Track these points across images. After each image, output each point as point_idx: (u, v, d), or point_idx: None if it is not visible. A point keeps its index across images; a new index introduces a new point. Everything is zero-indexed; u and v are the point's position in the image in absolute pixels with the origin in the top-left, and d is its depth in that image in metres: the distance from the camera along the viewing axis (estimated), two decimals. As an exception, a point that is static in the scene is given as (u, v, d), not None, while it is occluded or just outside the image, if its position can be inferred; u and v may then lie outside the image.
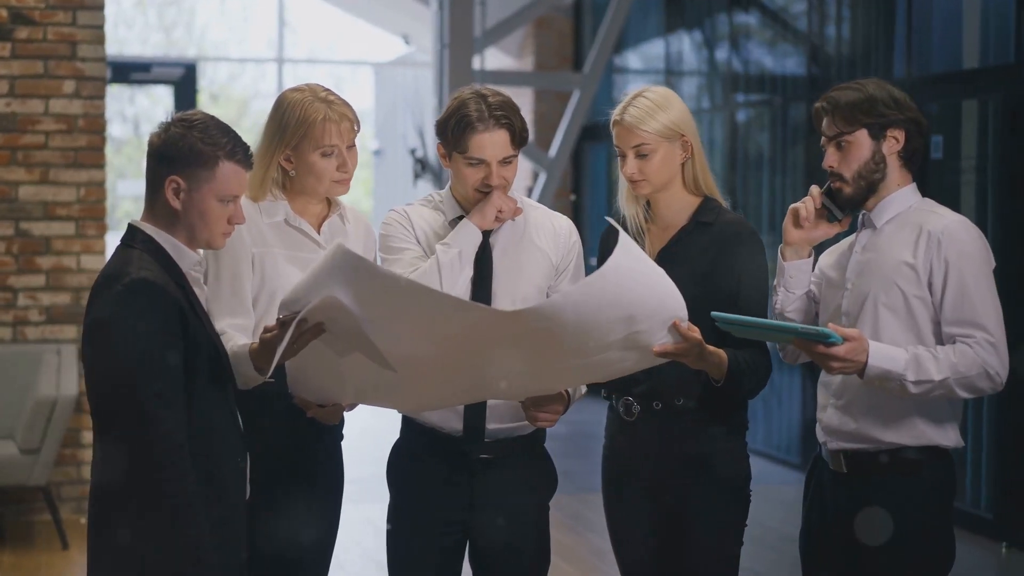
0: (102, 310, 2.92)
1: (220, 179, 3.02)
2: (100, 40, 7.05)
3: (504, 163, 3.43)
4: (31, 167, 6.98)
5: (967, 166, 7.30)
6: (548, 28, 12.57)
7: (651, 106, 3.51)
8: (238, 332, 3.40)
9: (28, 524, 7.00)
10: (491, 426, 3.49)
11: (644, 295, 3.03)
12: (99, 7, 7.06)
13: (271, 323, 3.10)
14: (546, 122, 12.04)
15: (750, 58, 9.82)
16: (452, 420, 3.49)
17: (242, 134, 3.11)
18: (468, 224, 3.43)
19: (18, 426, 6.58)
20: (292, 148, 3.49)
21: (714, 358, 3.30)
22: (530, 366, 3.17)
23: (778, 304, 3.56)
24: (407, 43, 16.28)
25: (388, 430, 3.83)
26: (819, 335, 3.14)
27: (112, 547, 2.93)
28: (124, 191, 22.01)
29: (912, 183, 3.46)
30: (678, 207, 3.60)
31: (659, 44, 11.15)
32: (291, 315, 2.99)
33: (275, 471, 3.46)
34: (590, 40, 12.05)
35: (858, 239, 3.48)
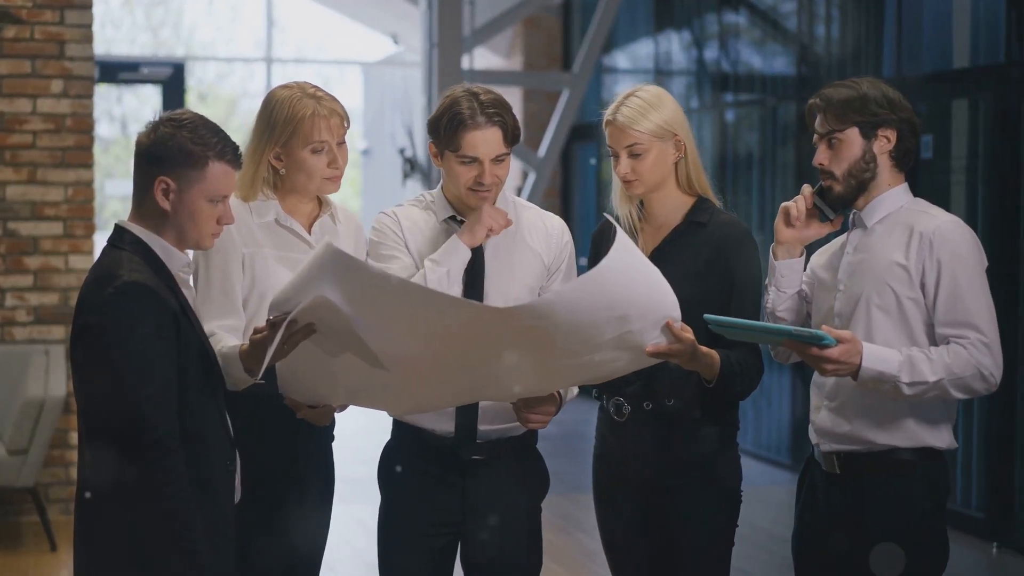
0: (93, 313, 2.91)
1: (210, 179, 3.00)
2: (88, 39, 7.03)
3: (497, 161, 3.41)
4: (19, 167, 6.95)
5: (957, 166, 7.30)
6: (537, 28, 12.56)
7: (644, 105, 3.50)
8: (228, 333, 3.38)
9: (16, 525, 6.97)
10: (483, 427, 3.47)
11: (638, 294, 3.02)
12: (87, 6, 7.03)
13: (261, 324, 3.09)
14: (535, 122, 12.03)
15: (739, 58, 9.81)
16: (444, 421, 3.47)
17: (230, 134, 3.09)
18: (457, 242, 3.39)
19: (6, 427, 6.55)
20: (282, 145, 3.47)
21: (706, 359, 3.29)
22: (522, 366, 3.16)
23: (769, 303, 3.55)
24: (396, 42, 16.26)
25: (378, 430, 3.81)
26: (812, 337, 3.12)
27: (103, 550, 2.91)
28: (112, 191, 21.95)
29: (904, 183, 3.44)
30: (672, 207, 3.59)
31: (648, 44, 11.14)
32: (281, 315, 2.98)
33: (266, 473, 3.45)
34: (579, 40, 12.04)
35: (849, 239, 3.47)
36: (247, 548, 3.37)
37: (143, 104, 22.66)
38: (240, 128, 21.10)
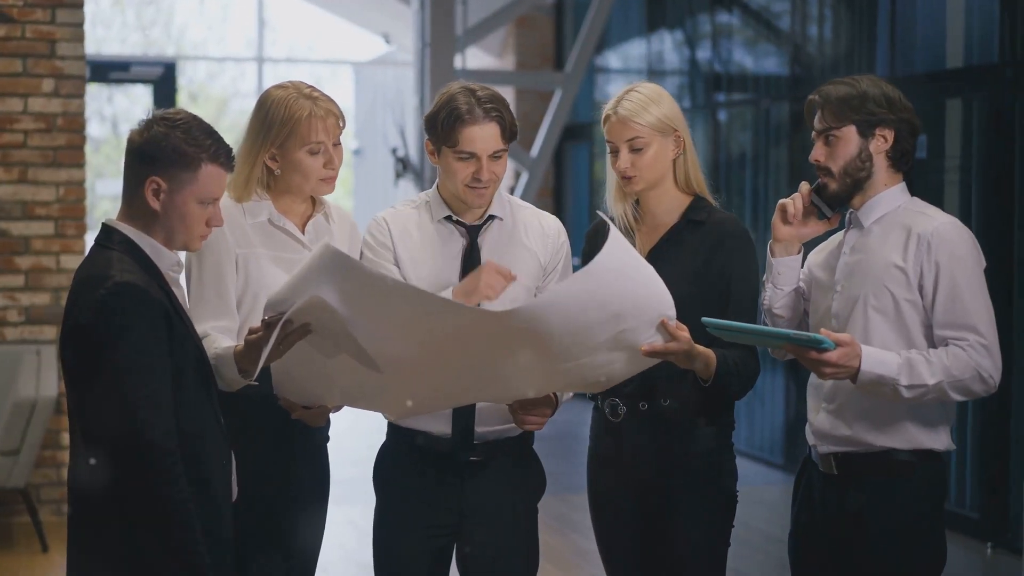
0: (85, 315, 2.88)
1: (202, 181, 2.97)
2: (79, 38, 7.00)
3: (494, 157, 3.41)
4: (10, 166, 6.92)
5: (951, 165, 7.30)
6: (529, 27, 12.54)
7: (644, 100, 3.49)
8: (222, 334, 3.36)
9: (7, 526, 6.95)
10: (480, 429, 3.46)
11: (632, 292, 3.00)
12: (78, 5, 7.00)
13: (255, 324, 3.07)
14: (528, 122, 12.01)
15: (732, 58, 9.80)
16: (441, 423, 3.46)
17: (222, 134, 3.06)
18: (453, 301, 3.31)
19: (-3, 428, 6.53)
20: (278, 147, 3.45)
21: (703, 358, 3.28)
22: (518, 369, 3.15)
23: (766, 300, 3.54)
24: (387, 42, 16.23)
25: (370, 430, 3.80)
26: (811, 341, 3.10)
27: (100, 553, 2.90)
28: (103, 191, 21.90)
29: (901, 183, 3.42)
30: (669, 205, 3.58)
31: (641, 44, 11.13)
32: (277, 316, 2.96)
33: (261, 474, 3.43)
34: (571, 39, 12.02)
35: (846, 239, 3.45)
36: (243, 550, 3.36)
37: (134, 104, 22.59)
38: (231, 128, 21.07)
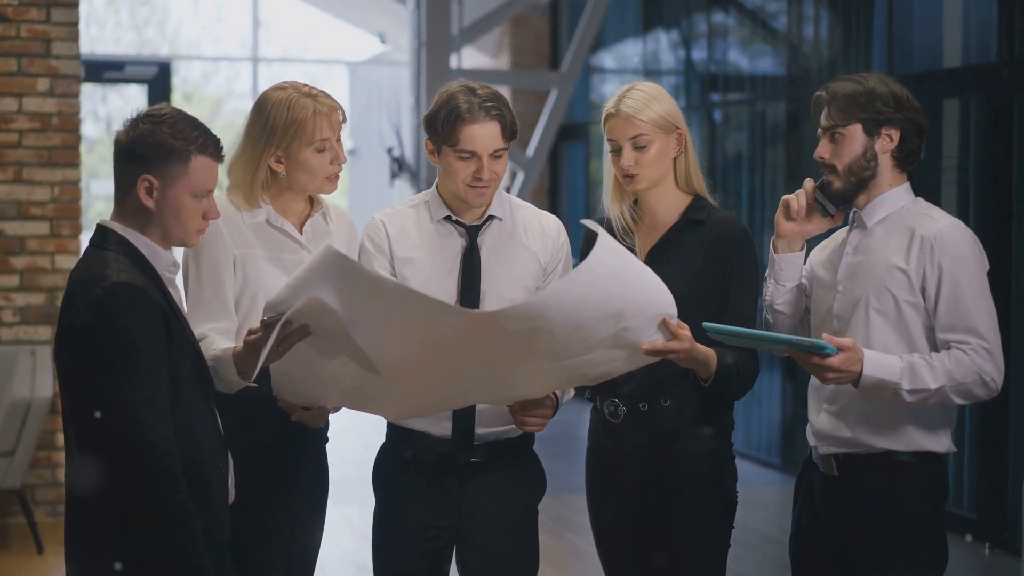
0: (82, 315, 2.85)
1: (193, 174, 2.95)
2: (74, 38, 6.98)
3: (495, 156, 3.39)
4: (4, 166, 6.89)
5: (948, 165, 7.29)
6: (525, 27, 12.52)
7: (646, 97, 3.48)
8: (220, 336, 3.34)
9: (2, 527, 6.92)
10: (480, 430, 3.45)
11: (629, 291, 2.99)
12: (73, 4, 6.98)
13: (254, 325, 3.06)
14: (523, 121, 11.92)
15: (728, 58, 9.79)
16: (441, 424, 3.44)
17: (216, 134, 3.04)
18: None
19: (-8, 428, 6.51)
20: (284, 148, 3.43)
21: (703, 357, 3.26)
22: (517, 369, 3.13)
23: (768, 296, 3.52)
24: (383, 42, 16.23)
25: (366, 431, 3.79)
26: (813, 347, 3.08)
27: (99, 554, 2.87)
28: (97, 191, 21.89)
29: (905, 183, 3.41)
30: (668, 204, 3.56)
31: (636, 43, 11.12)
32: (276, 317, 2.95)
33: (260, 475, 3.42)
34: (567, 39, 12.01)
35: (849, 239, 3.43)
36: (243, 551, 3.34)
37: (128, 104, 22.57)
38: (225, 128, 21.03)
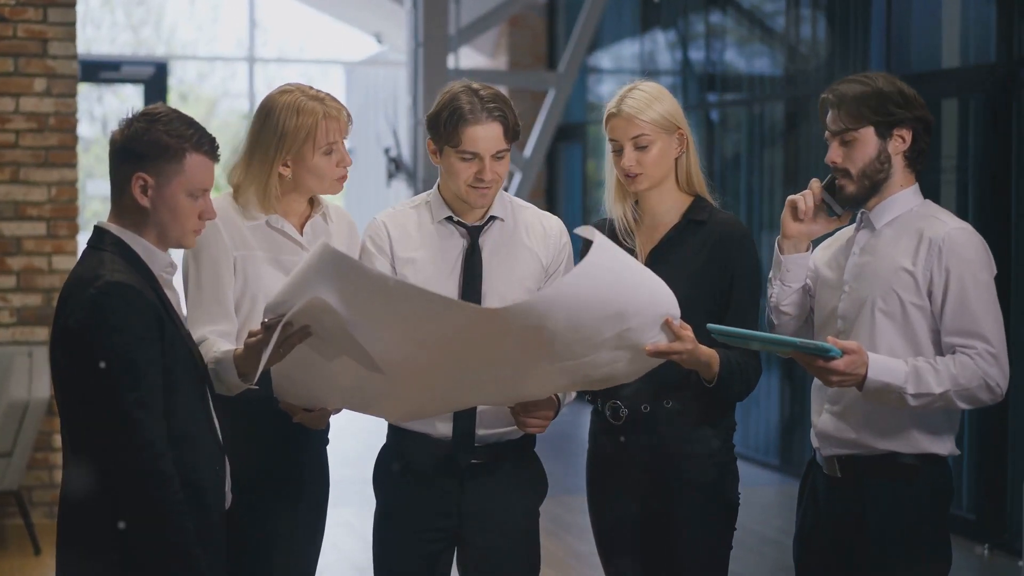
0: (75, 316, 2.84)
1: (188, 172, 2.94)
2: (71, 37, 6.96)
3: (497, 157, 3.39)
4: (1, 166, 6.88)
5: (948, 166, 7.28)
6: (522, 27, 12.51)
7: (648, 97, 3.47)
8: (221, 338, 3.33)
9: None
10: (481, 431, 3.44)
11: (630, 291, 2.98)
12: (70, 4, 6.97)
13: (254, 327, 3.05)
14: (520, 122, 11.98)
15: (725, 58, 9.78)
16: (442, 425, 3.43)
17: (212, 135, 3.03)
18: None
19: (-11, 430, 6.49)
20: (295, 152, 3.41)
21: (706, 358, 3.26)
22: (519, 369, 3.12)
23: (773, 297, 3.50)
24: (379, 42, 16.21)
25: (363, 431, 3.77)
26: (818, 349, 3.07)
27: (92, 558, 2.86)
28: (93, 191, 21.86)
29: (915, 184, 3.39)
30: (669, 205, 3.55)
31: (634, 44, 11.11)
32: (276, 318, 2.93)
33: (261, 478, 3.41)
34: (564, 39, 11.99)
35: (856, 239, 3.41)
36: (244, 553, 3.34)
37: (124, 104, 22.55)
38: (221, 128, 21.01)
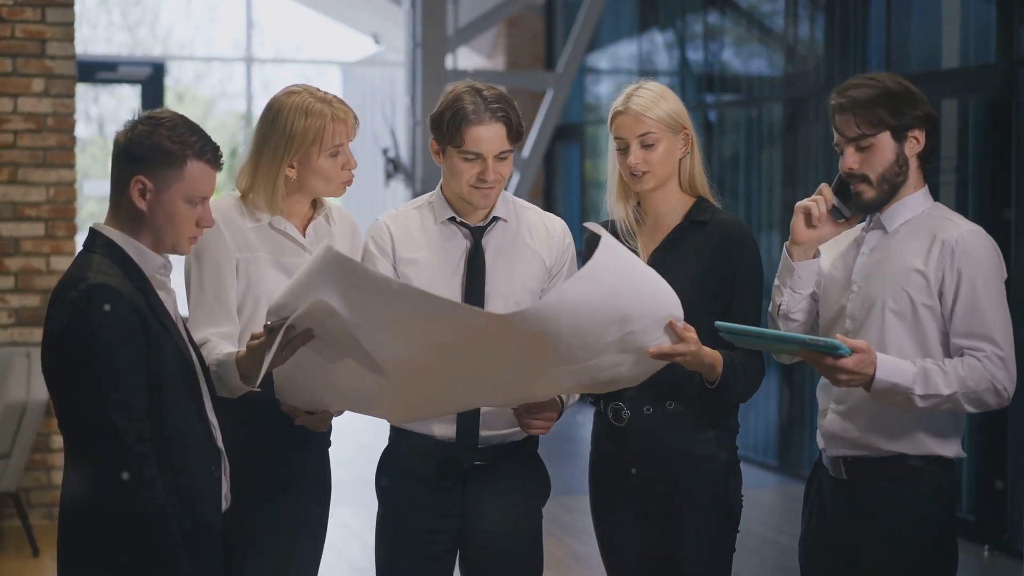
0: (59, 318, 2.85)
1: (188, 179, 2.93)
2: (69, 38, 6.95)
3: (499, 158, 3.38)
4: (-1, 167, 6.87)
5: (947, 166, 7.28)
6: (520, 27, 12.50)
7: (655, 96, 3.48)
8: (223, 340, 3.32)
9: (-3, 530, 6.90)
10: (484, 432, 3.43)
11: (634, 293, 2.98)
12: (68, 4, 6.95)
13: (257, 330, 3.04)
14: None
15: (724, 58, 9.78)
16: (445, 426, 3.43)
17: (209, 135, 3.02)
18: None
19: (-13, 431, 6.48)
20: (302, 154, 3.40)
21: (709, 359, 3.25)
22: (523, 371, 3.11)
23: (783, 305, 3.46)
24: (377, 42, 16.20)
25: (359, 432, 3.75)
26: (828, 347, 3.05)
27: (83, 558, 2.87)
28: (89, 191, 21.84)
29: (925, 187, 3.39)
30: (672, 205, 3.55)
31: (632, 44, 11.10)
32: (279, 321, 2.92)
33: (263, 480, 3.40)
34: (562, 39, 11.98)
35: (866, 240, 3.40)
36: (245, 555, 3.34)
37: (121, 104, 22.53)
38: (217, 129, 20.98)
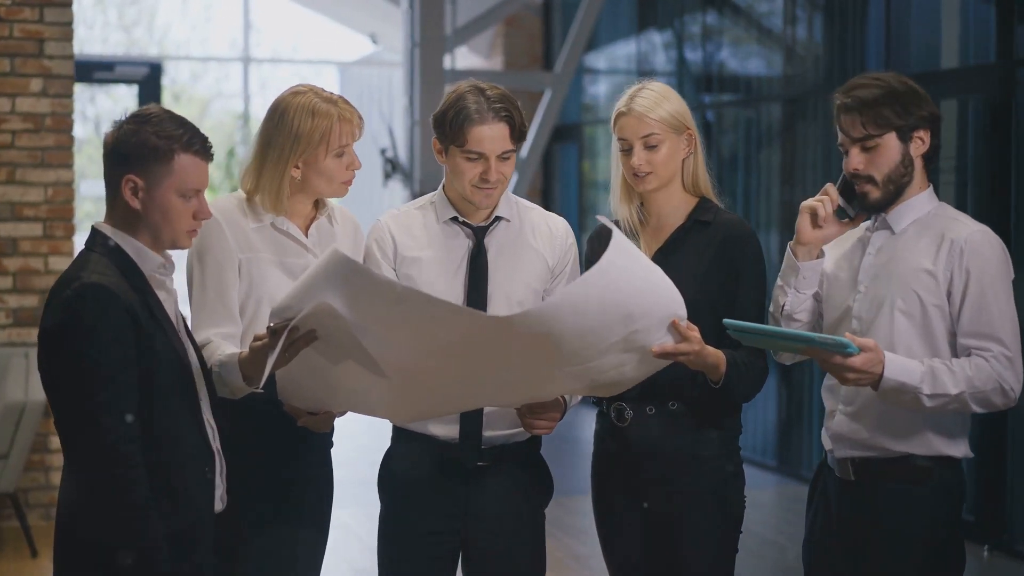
0: (52, 317, 2.86)
1: (178, 172, 2.93)
2: (68, 37, 6.93)
3: (502, 158, 3.38)
4: (-3, 167, 6.85)
5: (947, 166, 7.27)
6: (518, 27, 12.49)
7: (658, 96, 3.47)
8: (225, 341, 3.31)
9: (-4, 531, 6.89)
10: (487, 433, 3.43)
11: (640, 292, 2.97)
12: (66, 4, 6.93)
13: (259, 330, 3.03)
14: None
15: (722, 58, 9.77)
16: (448, 427, 3.42)
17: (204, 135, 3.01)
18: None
19: (-15, 432, 6.46)
20: (309, 154, 3.39)
21: (713, 359, 3.24)
22: (526, 372, 3.11)
23: (787, 305, 3.46)
24: (375, 42, 16.20)
25: (358, 433, 3.74)
26: (837, 344, 3.04)
27: (77, 560, 2.88)
28: (86, 191, 21.83)
29: (930, 187, 3.38)
30: (675, 205, 3.54)
31: (630, 44, 11.09)
32: (283, 323, 2.92)
33: (265, 481, 3.39)
34: (560, 40, 11.98)
35: (872, 240, 3.39)
36: (247, 557, 3.33)
37: (117, 104, 22.53)
38: (214, 129, 20.97)
